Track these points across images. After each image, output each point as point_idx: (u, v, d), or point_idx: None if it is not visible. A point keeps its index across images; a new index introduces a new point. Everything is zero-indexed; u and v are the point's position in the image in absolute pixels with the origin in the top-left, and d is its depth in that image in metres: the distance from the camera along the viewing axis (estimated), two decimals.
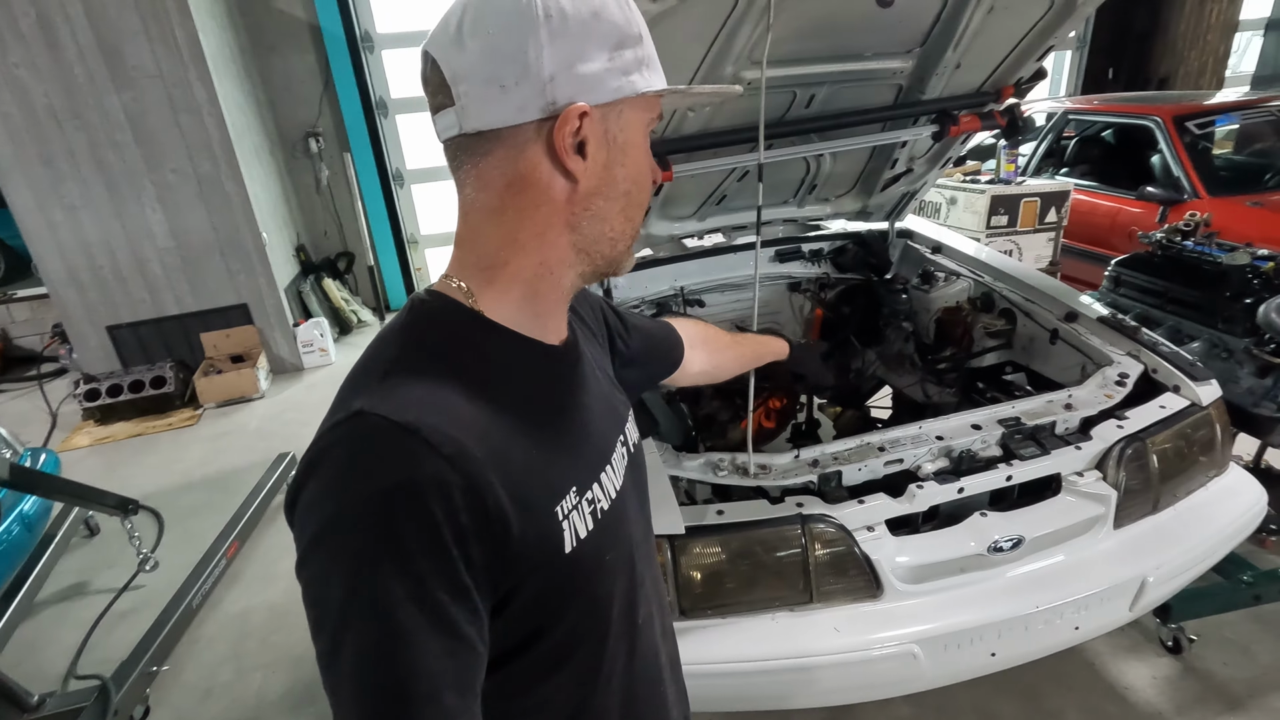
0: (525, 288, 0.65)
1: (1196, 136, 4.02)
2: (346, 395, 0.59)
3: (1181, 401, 1.67)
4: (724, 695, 1.37)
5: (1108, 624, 1.49)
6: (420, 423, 0.54)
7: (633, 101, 0.62)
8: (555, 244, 0.64)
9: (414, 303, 0.65)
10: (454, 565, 0.53)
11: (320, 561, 0.54)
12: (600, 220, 0.64)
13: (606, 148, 0.62)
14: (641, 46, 0.62)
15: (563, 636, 0.64)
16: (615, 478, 0.71)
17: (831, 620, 1.38)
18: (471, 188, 0.63)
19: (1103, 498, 1.51)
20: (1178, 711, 1.95)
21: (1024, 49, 1.85)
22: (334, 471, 0.54)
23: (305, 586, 0.55)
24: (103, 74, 4.01)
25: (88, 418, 4.38)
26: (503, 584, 0.57)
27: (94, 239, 4.32)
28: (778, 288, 2.59)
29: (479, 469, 0.55)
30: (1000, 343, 2.16)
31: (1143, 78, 6.90)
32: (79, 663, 2.40)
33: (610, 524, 0.67)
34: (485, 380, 0.61)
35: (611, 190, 0.64)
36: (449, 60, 0.59)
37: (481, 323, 0.63)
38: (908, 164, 2.29)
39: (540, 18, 0.57)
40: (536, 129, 0.59)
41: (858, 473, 1.50)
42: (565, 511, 0.62)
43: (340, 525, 0.53)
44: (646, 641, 0.75)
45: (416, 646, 0.51)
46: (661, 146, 1.78)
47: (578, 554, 0.62)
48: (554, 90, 0.58)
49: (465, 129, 0.60)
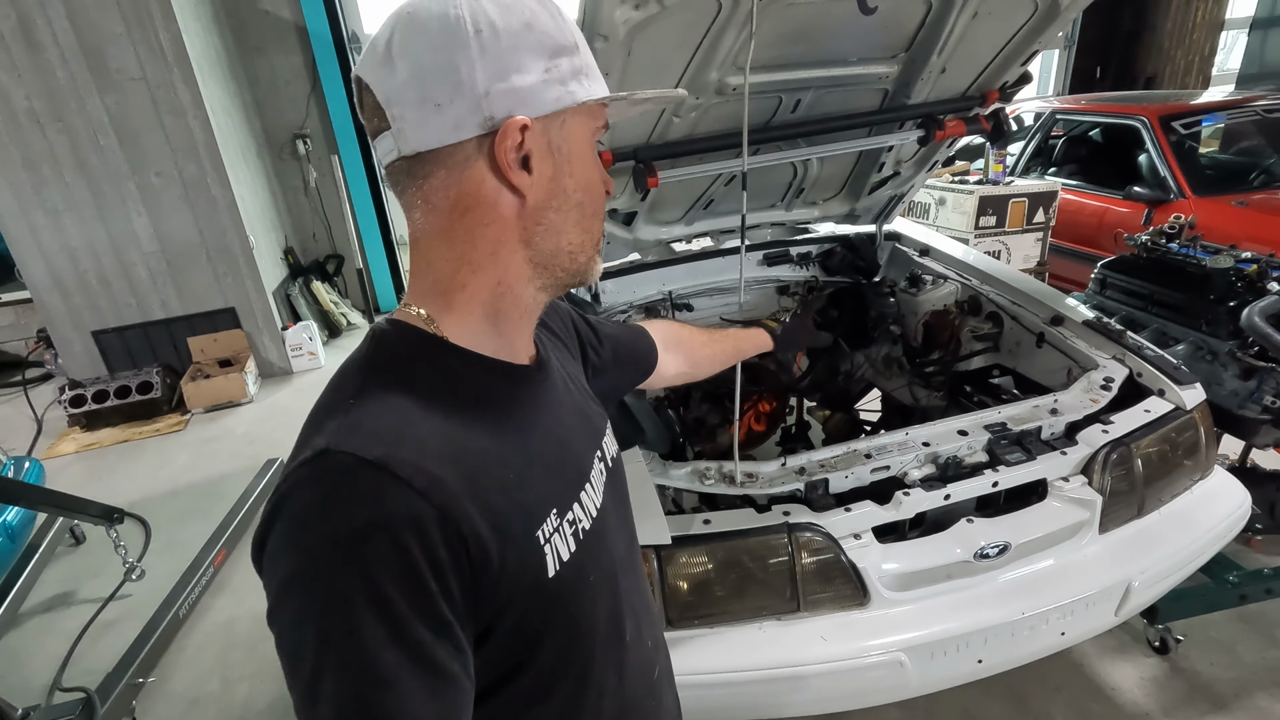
0: (486, 308, 0.63)
1: (1183, 136, 4.05)
2: (310, 433, 0.58)
3: (1166, 405, 1.67)
4: (712, 706, 1.37)
5: (1093, 629, 1.50)
6: (389, 457, 0.52)
7: (574, 111, 0.61)
8: (510, 261, 0.62)
9: (374, 333, 0.64)
10: (434, 601, 0.51)
11: (292, 608, 0.52)
12: (555, 233, 0.63)
13: (552, 159, 0.61)
14: (578, 55, 0.61)
15: (549, 661, 0.62)
16: (595, 494, 0.70)
17: (819, 629, 1.37)
18: (419, 212, 0.61)
19: (1088, 503, 1.51)
20: (1164, 712, 1.96)
21: (1008, 54, 1.86)
22: (301, 514, 0.52)
23: (278, 635, 0.52)
24: (85, 76, 3.96)
25: (73, 424, 4.33)
26: (485, 615, 0.56)
27: (78, 243, 4.28)
28: (766, 291, 2.59)
29: (454, 500, 0.53)
30: (987, 346, 2.17)
31: (1130, 77, 6.95)
32: (64, 675, 2.37)
33: (593, 543, 0.66)
34: (454, 407, 0.60)
35: (562, 202, 0.62)
36: (380, 83, 0.58)
37: (446, 348, 0.62)
38: (895, 167, 2.29)
39: (470, 33, 0.56)
40: (477, 146, 0.58)
41: (844, 480, 1.50)
42: (546, 535, 0.60)
43: (311, 569, 0.51)
44: (636, 657, 0.74)
45: (399, 691, 0.49)
46: (647, 153, 1.77)
47: (561, 577, 0.61)
48: (490, 105, 0.57)
49: (404, 152, 0.59)
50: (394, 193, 0.63)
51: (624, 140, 1.77)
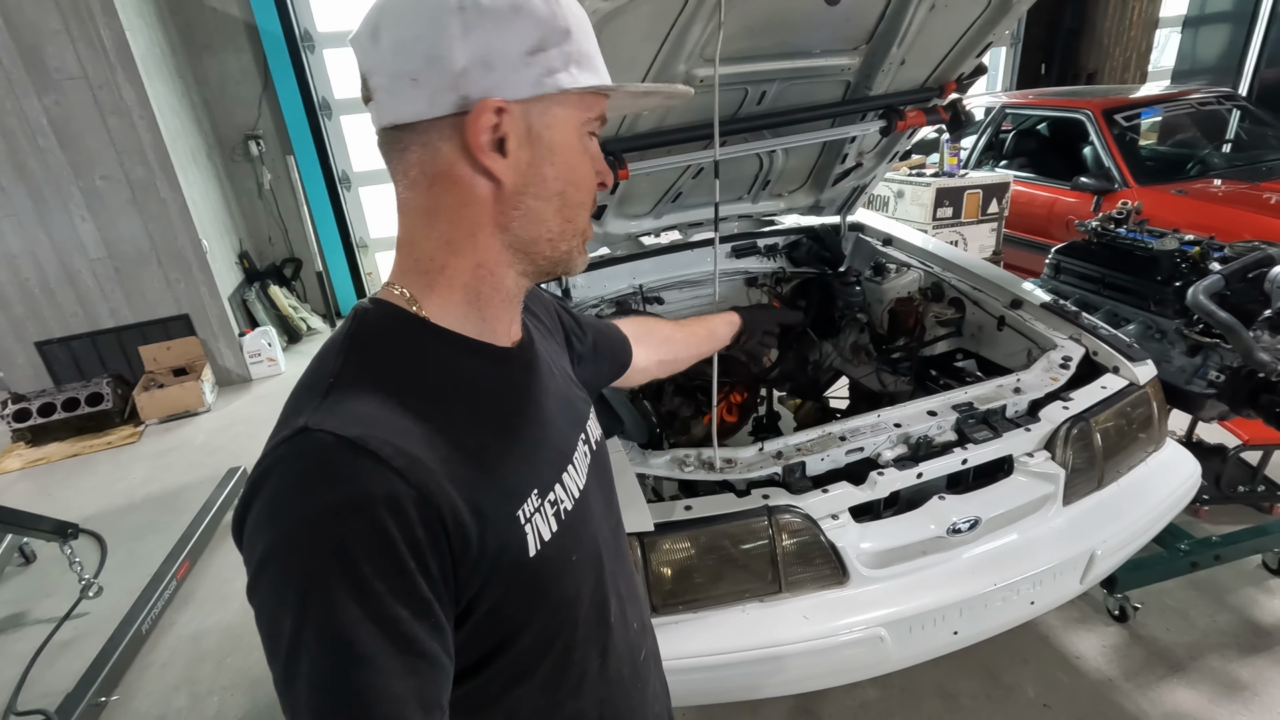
0: (466, 291, 0.63)
1: (1124, 128, 4.22)
2: (290, 412, 0.57)
3: (1121, 382, 1.75)
4: (698, 690, 1.38)
5: (1061, 597, 1.56)
6: (368, 436, 0.52)
7: (560, 99, 0.60)
8: (489, 245, 0.62)
9: (357, 312, 0.63)
10: (412, 580, 0.51)
11: (271, 584, 0.51)
12: (534, 221, 0.62)
13: (530, 146, 0.59)
14: (570, 42, 0.60)
15: (530, 642, 0.62)
16: (578, 477, 0.70)
17: (800, 609, 1.40)
18: (402, 186, 0.61)
19: (1052, 476, 1.57)
20: (1125, 677, 2.05)
21: (964, 45, 1.91)
22: (280, 491, 0.52)
23: (257, 611, 0.52)
24: (21, 76, 3.79)
25: (18, 439, 4.14)
26: (465, 594, 0.56)
27: (18, 250, 4.09)
28: (735, 283, 2.62)
29: (432, 479, 0.53)
30: (950, 331, 2.23)
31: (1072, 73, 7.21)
32: (19, 698, 2.27)
33: (574, 524, 0.66)
34: (435, 388, 0.60)
35: (541, 190, 0.61)
36: (364, 53, 0.59)
37: (428, 329, 0.62)
38: (857, 159, 2.33)
39: (454, 8, 0.55)
40: (452, 125, 0.58)
41: (820, 463, 1.53)
42: (527, 515, 0.60)
43: (289, 546, 0.51)
44: (620, 640, 0.74)
45: (376, 668, 0.49)
46: (616, 145, 1.78)
47: (542, 557, 0.61)
48: (466, 84, 0.56)
49: (379, 123, 0.59)
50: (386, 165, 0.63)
51: None
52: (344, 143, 5.65)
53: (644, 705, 0.79)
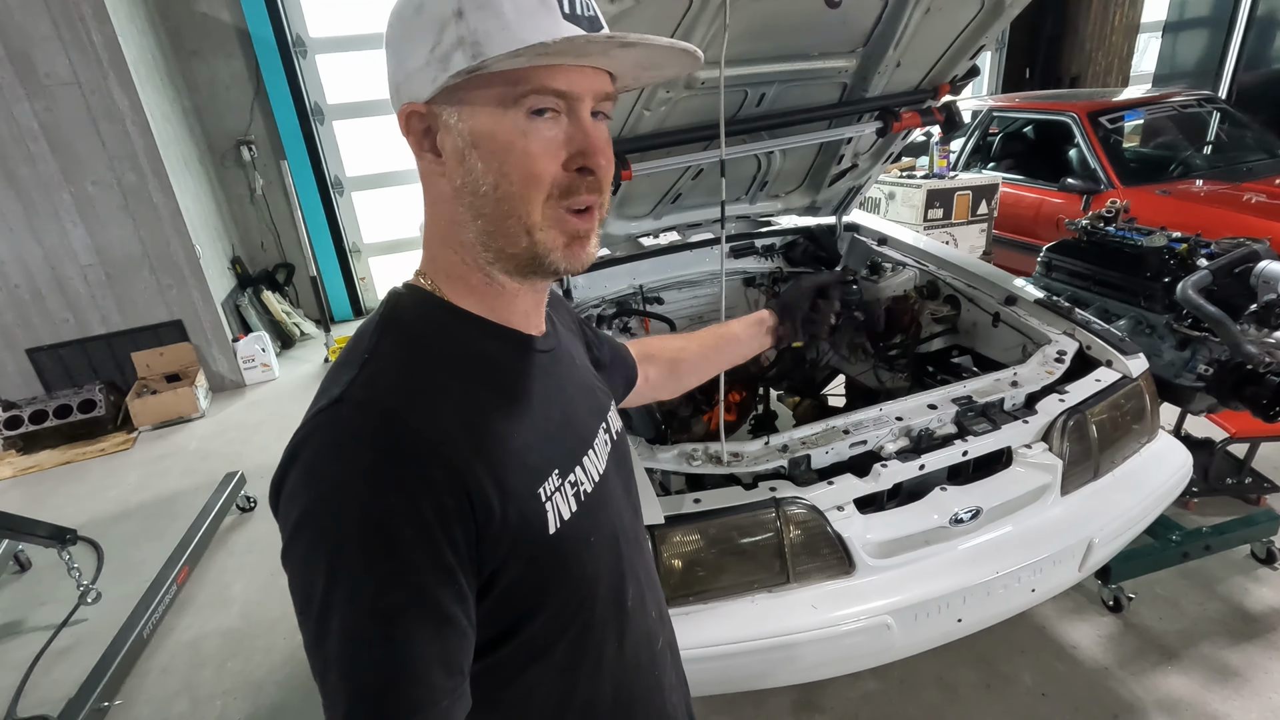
0: (467, 280, 0.66)
1: (1109, 130, 4.31)
2: (328, 384, 0.60)
3: (1114, 375, 1.79)
4: (709, 679, 1.40)
5: (1061, 584, 1.59)
6: (401, 407, 0.55)
7: (472, 84, 0.57)
8: (466, 241, 0.64)
9: (391, 295, 0.67)
10: (438, 547, 0.53)
11: (304, 547, 0.54)
12: (480, 216, 0.61)
13: (452, 139, 0.60)
14: (461, 23, 0.55)
15: (548, 621, 0.64)
16: (598, 462, 0.72)
17: (808, 598, 1.42)
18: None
19: (1050, 467, 1.61)
20: (1120, 665, 2.09)
21: (958, 48, 1.96)
22: (316, 457, 0.55)
23: (291, 575, 0.55)
24: (11, 81, 3.77)
25: (9, 447, 4.10)
26: (487, 566, 0.58)
27: (7, 256, 4.06)
28: (733, 283, 2.65)
29: (461, 452, 0.56)
30: (946, 327, 2.27)
31: (1055, 77, 7.33)
32: (18, 705, 2.25)
33: (594, 506, 0.68)
34: (463, 366, 0.62)
35: (475, 184, 0.60)
36: None
37: (455, 312, 0.65)
38: (853, 160, 2.37)
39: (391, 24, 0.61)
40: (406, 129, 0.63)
41: (825, 456, 1.56)
42: (548, 493, 0.62)
43: (323, 510, 0.53)
44: (638, 626, 0.75)
45: (403, 628, 0.51)
46: (619, 146, 1.80)
47: (561, 535, 0.63)
48: (400, 96, 0.61)
49: None
50: None
51: None
52: (336, 148, 5.64)
53: (660, 693, 0.80)
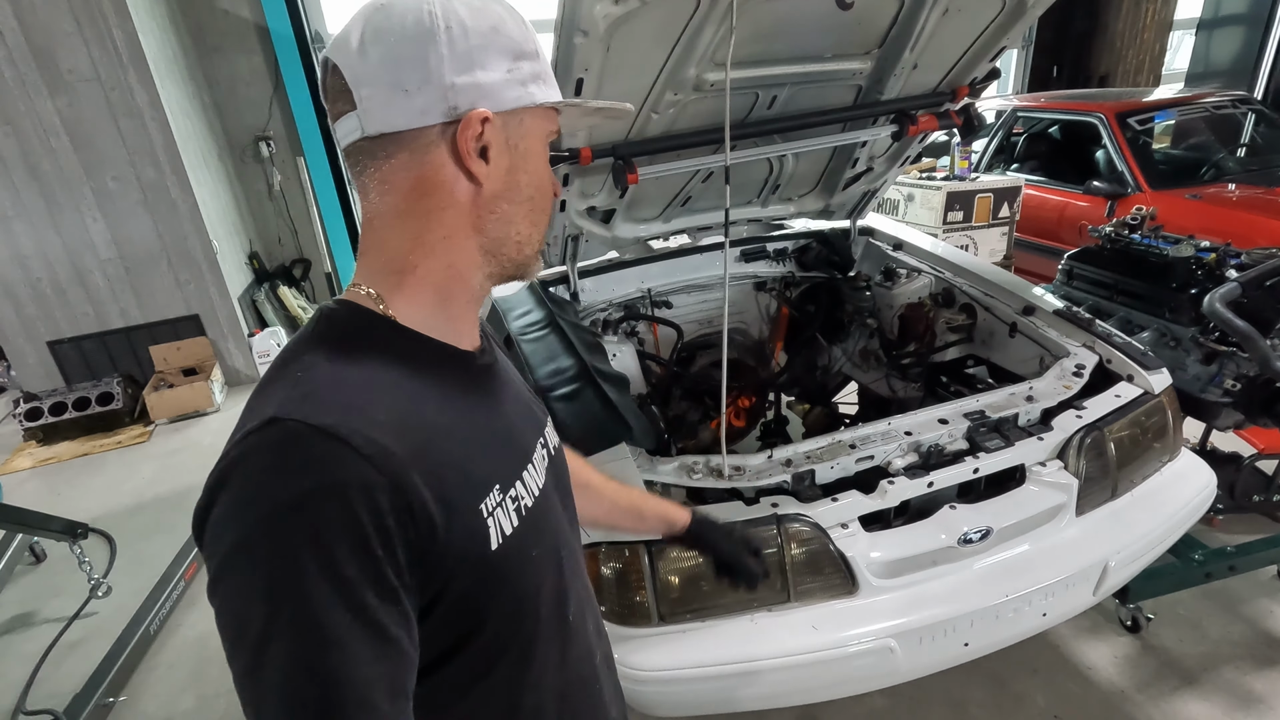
0: (436, 292, 0.66)
1: (1138, 132, 4.18)
2: (257, 404, 0.58)
3: (1135, 390, 1.72)
4: (706, 700, 1.37)
5: (1073, 609, 1.54)
6: (339, 425, 0.54)
7: (532, 112, 0.66)
8: (463, 247, 0.65)
9: (322, 312, 0.66)
10: (381, 567, 0.52)
11: (239, 574, 0.52)
12: (506, 223, 0.67)
13: (509, 153, 0.65)
14: (538, 62, 0.66)
15: (492, 636, 0.64)
16: (538, 477, 0.72)
17: (810, 619, 1.38)
18: (375, 193, 0.64)
19: (1065, 486, 1.55)
20: (1137, 688, 2.02)
21: (978, 49, 1.90)
22: (250, 480, 0.53)
23: (221, 605, 0.53)
24: (35, 77, 3.82)
25: (29, 438, 4.17)
26: (430, 584, 0.57)
27: (29, 250, 4.12)
28: (744, 287, 2.61)
29: (401, 469, 0.55)
30: (961, 337, 2.21)
31: (1084, 75, 7.16)
32: (28, 698, 2.28)
33: (535, 520, 0.68)
34: (402, 383, 0.62)
35: (515, 195, 0.66)
36: (351, 66, 0.61)
37: (394, 327, 0.64)
38: (868, 163, 2.32)
39: (441, 28, 0.60)
40: (440, 132, 0.62)
41: (830, 471, 1.52)
42: (490, 509, 0.62)
43: (260, 534, 0.51)
44: (579, 640, 0.76)
45: (347, 653, 0.50)
46: (626, 149, 1.77)
47: (503, 550, 0.62)
48: (455, 96, 0.61)
49: (368, 132, 0.62)
50: (352, 173, 0.66)
51: (603, 137, 1.76)
52: None
53: (601, 706, 0.81)
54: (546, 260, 2.19)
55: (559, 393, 1.67)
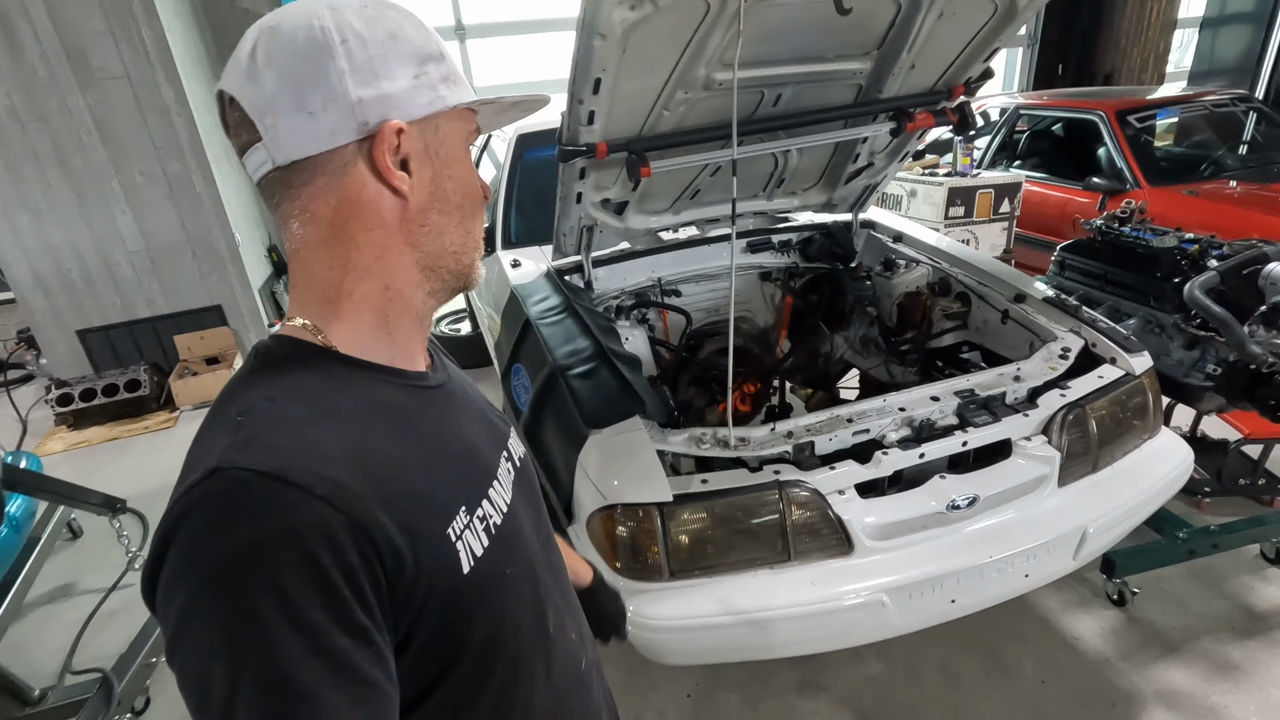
0: (376, 315, 0.64)
1: (1138, 130, 4.27)
2: (197, 454, 0.55)
3: (1117, 372, 1.83)
4: (712, 646, 1.49)
5: (1054, 572, 1.65)
6: (288, 467, 0.51)
7: (446, 116, 0.64)
8: (398, 265, 0.63)
9: (258, 351, 0.62)
10: (349, 608, 0.50)
11: (197, 636, 0.49)
12: (438, 235, 0.65)
13: (430, 162, 0.63)
14: (444, 63, 0.64)
15: (474, 663, 0.62)
16: (504, 493, 0.70)
17: (808, 576, 1.50)
18: (297, 222, 0.61)
19: (1048, 459, 1.66)
20: (1122, 657, 2.13)
21: (972, 51, 2.00)
22: (198, 536, 0.50)
23: (182, 671, 0.49)
24: (66, 75, 3.96)
25: (60, 423, 4.33)
26: (404, 618, 0.55)
27: (60, 242, 4.27)
28: (749, 277, 2.72)
29: (360, 504, 0.52)
30: (957, 324, 2.32)
31: (1089, 74, 7.23)
32: (72, 660, 2.42)
33: (505, 538, 0.67)
34: (350, 414, 0.59)
35: (444, 204, 0.65)
36: (248, 95, 0.59)
37: (337, 358, 0.62)
38: (869, 158, 2.43)
39: (336, 42, 0.58)
40: (355, 151, 0.60)
41: (829, 443, 1.64)
42: (457, 533, 0.60)
43: (216, 591, 0.49)
44: (563, 651, 0.74)
45: (319, 703, 0.48)
46: (640, 144, 1.89)
47: (476, 573, 0.61)
48: (364, 111, 0.59)
49: (278, 162, 0.59)
50: (269, 206, 0.63)
51: (617, 133, 1.88)
52: None
53: (593, 711, 0.80)
54: (562, 250, 2.31)
55: (576, 371, 1.79)
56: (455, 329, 4.72)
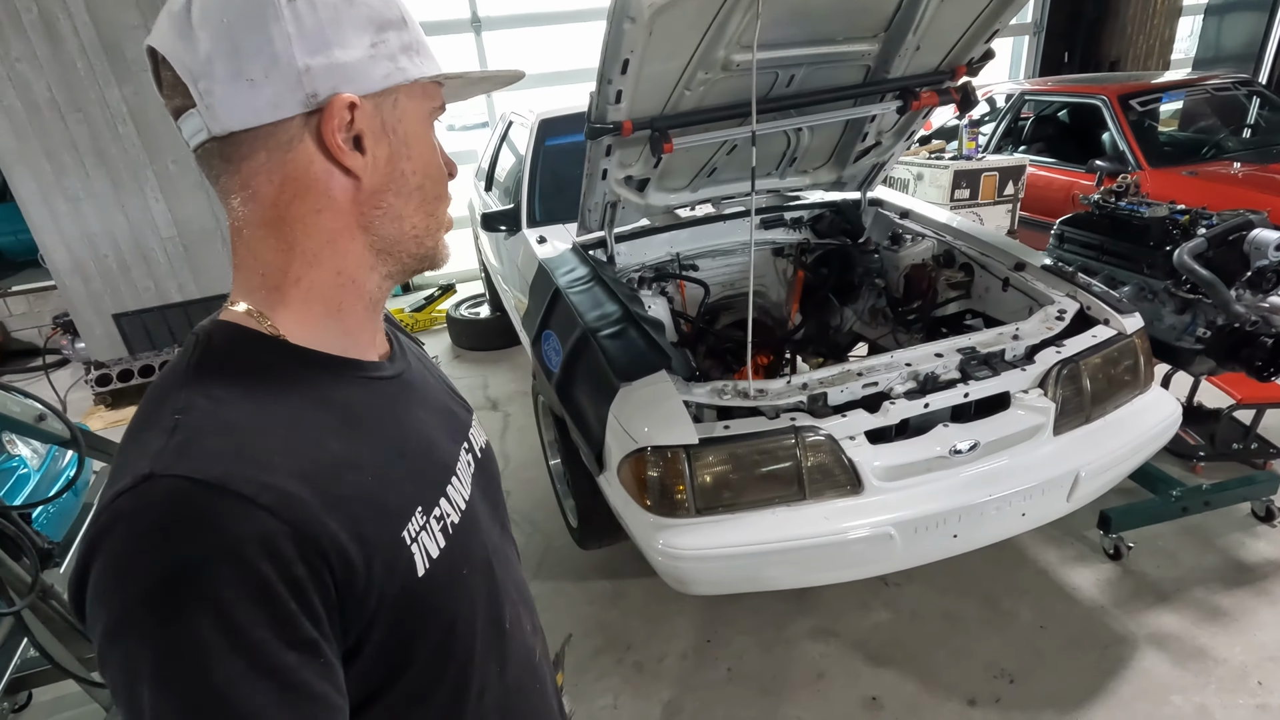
0: (327, 303, 0.59)
1: (1140, 114, 4.37)
2: (129, 457, 0.50)
3: (1110, 331, 1.97)
4: (733, 574, 1.64)
5: (1050, 513, 1.79)
6: (228, 476, 0.47)
7: (407, 90, 0.59)
8: (350, 249, 0.59)
9: (196, 338, 0.57)
10: (295, 622, 0.47)
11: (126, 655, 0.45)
12: (395, 218, 0.60)
13: (387, 140, 0.58)
14: (407, 31, 0.58)
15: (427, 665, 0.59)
16: (463, 488, 0.67)
17: (821, 512, 1.65)
18: (238, 200, 0.56)
19: (1043, 409, 1.80)
20: (1115, 604, 2.27)
21: (974, 33, 2.13)
22: (129, 548, 0.46)
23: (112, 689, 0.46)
24: (104, 67, 4.13)
25: (99, 402, 4.52)
26: (354, 627, 0.52)
27: (97, 229, 4.44)
28: (763, 252, 2.86)
29: (307, 512, 0.49)
30: (960, 293, 2.46)
31: (1095, 61, 7.30)
32: None
33: (464, 536, 0.64)
34: (299, 412, 0.55)
35: (401, 185, 0.60)
36: (179, 55, 0.53)
37: (285, 348, 0.57)
38: (876, 137, 2.55)
39: (281, 3, 0.52)
40: (302, 124, 0.54)
41: (840, 394, 1.78)
42: (413, 535, 0.57)
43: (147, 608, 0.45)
44: (517, 645, 0.72)
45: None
46: (661, 122, 2.03)
47: (432, 575, 0.58)
48: (312, 81, 0.53)
49: (214, 132, 0.53)
50: (208, 178, 0.57)
51: (642, 112, 2.02)
52: None
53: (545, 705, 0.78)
54: (587, 226, 2.45)
55: (606, 332, 1.93)
56: (475, 312, 4.87)
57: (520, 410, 3.94)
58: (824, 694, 2.06)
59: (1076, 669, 2.07)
